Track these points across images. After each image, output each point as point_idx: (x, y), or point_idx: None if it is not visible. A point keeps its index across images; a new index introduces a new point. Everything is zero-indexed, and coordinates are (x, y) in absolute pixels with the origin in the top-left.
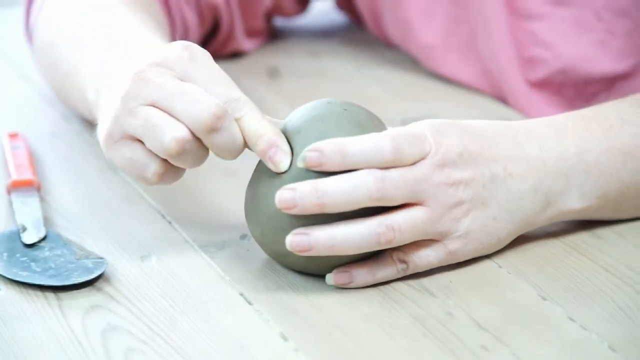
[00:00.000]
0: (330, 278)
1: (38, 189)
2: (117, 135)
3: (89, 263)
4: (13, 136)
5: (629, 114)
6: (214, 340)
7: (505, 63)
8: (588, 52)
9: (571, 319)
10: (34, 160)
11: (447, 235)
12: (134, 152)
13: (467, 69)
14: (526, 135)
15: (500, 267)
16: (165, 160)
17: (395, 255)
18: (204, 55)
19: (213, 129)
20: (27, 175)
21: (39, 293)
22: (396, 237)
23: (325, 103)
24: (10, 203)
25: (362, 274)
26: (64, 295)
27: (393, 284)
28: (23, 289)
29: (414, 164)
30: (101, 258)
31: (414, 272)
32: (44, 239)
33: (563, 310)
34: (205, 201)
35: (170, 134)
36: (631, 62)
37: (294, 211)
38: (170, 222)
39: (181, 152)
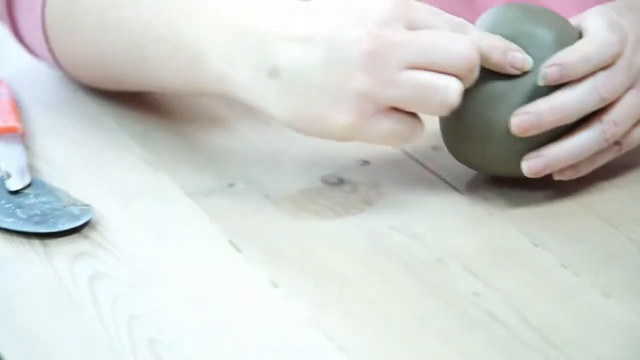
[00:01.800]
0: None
1: (22, 135)
2: (371, 112)
3: (75, 210)
4: None
5: None
6: (202, 288)
7: None
8: None
9: (563, 266)
10: (18, 107)
11: None
12: (398, 121)
13: None
14: None
15: (491, 214)
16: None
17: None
18: None
19: (475, 67)
20: (11, 122)
21: (24, 240)
22: (619, 129)
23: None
24: None
25: (588, 165)
26: (50, 242)
27: (384, 230)
28: (8, 236)
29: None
30: (87, 205)
31: (627, 150)
32: (28, 186)
33: (555, 257)
34: (193, 149)
35: (452, 93)
36: None
37: (535, 132)
38: (157, 170)
39: (458, 100)
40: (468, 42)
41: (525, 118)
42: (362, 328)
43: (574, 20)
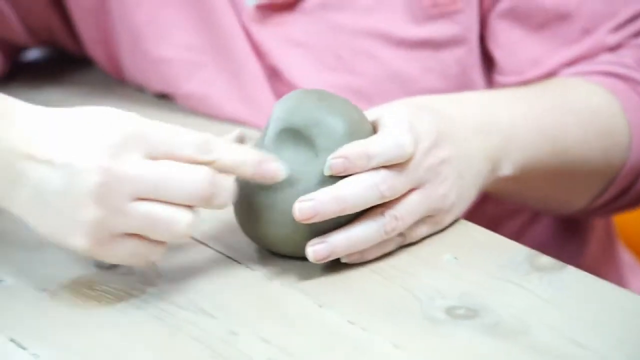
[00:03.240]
0: (345, 258)
1: None
2: (107, 239)
3: None
4: None
5: (545, 92)
6: None
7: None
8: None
9: (350, 322)
10: None
11: (438, 210)
12: (135, 246)
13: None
14: (472, 109)
15: (272, 280)
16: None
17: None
18: (134, 115)
19: (213, 195)
20: None
21: None
22: (399, 224)
23: (301, 95)
24: None
25: (372, 252)
26: None
27: (170, 309)
28: None
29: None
30: None
31: (409, 242)
32: None
33: (341, 315)
34: None
35: (182, 226)
36: None
37: (315, 220)
38: None
39: (192, 230)
40: (202, 173)
41: (308, 205)
42: None
43: (374, 113)
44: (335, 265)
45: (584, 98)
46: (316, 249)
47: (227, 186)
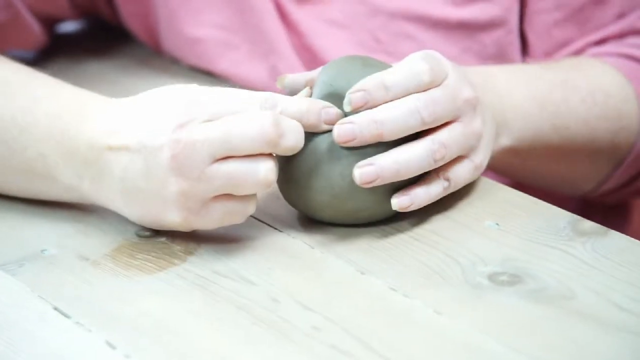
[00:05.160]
0: (394, 203)
1: None
2: (197, 206)
3: None
4: None
5: (553, 68)
6: (37, 359)
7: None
8: None
9: (392, 289)
10: None
11: (473, 149)
12: (225, 206)
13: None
14: (471, 72)
15: (313, 248)
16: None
17: (441, 174)
18: (193, 86)
19: (280, 136)
20: None
21: None
22: (447, 152)
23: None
24: None
25: (419, 195)
26: None
27: (210, 277)
28: None
29: (441, 83)
30: None
31: (456, 188)
32: None
33: (383, 282)
34: None
35: (261, 174)
36: None
37: (353, 143)
38: None
39: (275, 176)
40: (263, 119)
41: (347, 127)
42: None
43: None
44: (376, 233)
45: (596, 79)
46: (364, 171)
47: (293, 127)
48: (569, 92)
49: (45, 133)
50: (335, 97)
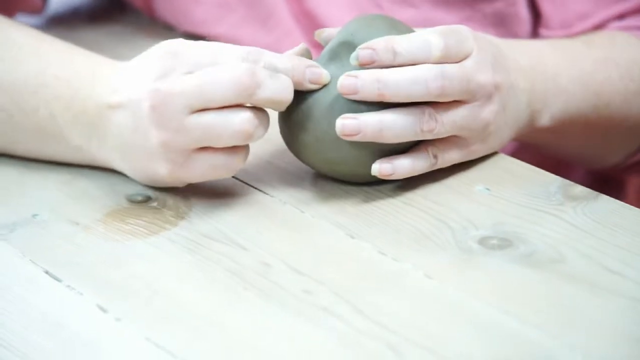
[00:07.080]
0: (375, 168)
1: None
2: (181, 159)
3: None
4: None
5: (592, 45)
6: (28, 322)
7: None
8: None
9: (382, 253)
10: None
11: (475, 134)
12: (209, 159)
13: None
14: (521, 53)
15: (302, 212)
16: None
17: (430, 149)
18: (178, 40)
19: (256, 86)
20: None
21: None
22: (437, 128)
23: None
24: None
25: (403, 165)
26: None
27: (202, 241)
28: None
29: (459, 61)
30: None
31: (440, 167)
32: None
33: (373, 246)
34: None
35: (236, 125)
36: None
37: (355, 97)
38: None
39: (254, 128)
40: (237, 69)
41: (350, 80)
42: (201, 341)
43: None
44: (366, 197)
45: (630, 53)
46: (346, 122)
47: (279, 79)
48: (610, 70)
49: (55, 95)
50: (351, 47)
